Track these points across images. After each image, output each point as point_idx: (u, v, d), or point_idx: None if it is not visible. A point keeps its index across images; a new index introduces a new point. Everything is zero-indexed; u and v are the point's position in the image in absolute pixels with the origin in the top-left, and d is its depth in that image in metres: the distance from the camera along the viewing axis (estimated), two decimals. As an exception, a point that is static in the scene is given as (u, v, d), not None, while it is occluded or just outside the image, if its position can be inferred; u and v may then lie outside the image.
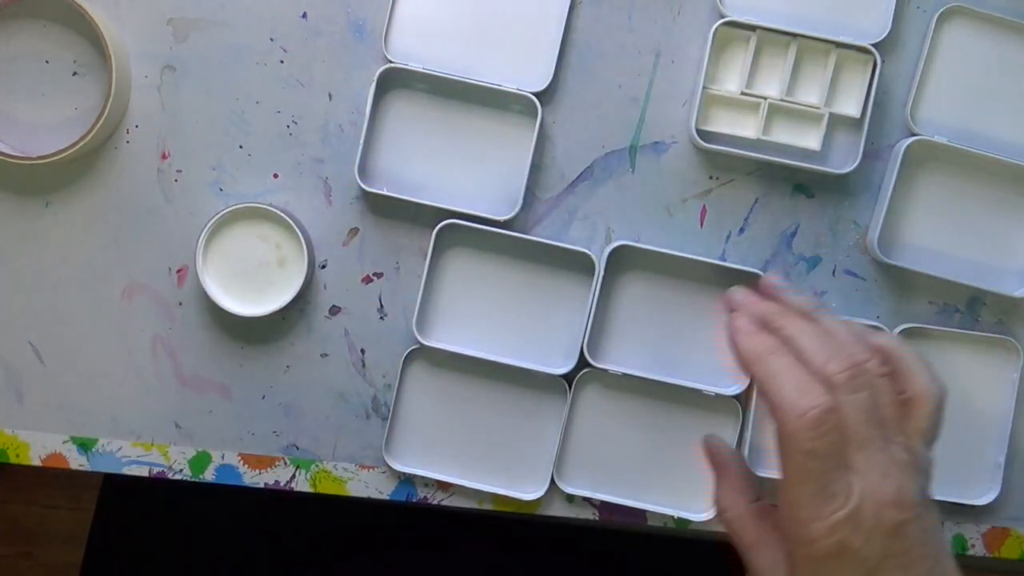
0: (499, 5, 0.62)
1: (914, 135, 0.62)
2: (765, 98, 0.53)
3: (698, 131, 0.52)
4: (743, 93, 0.54)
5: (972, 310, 0.65)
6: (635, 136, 0.63)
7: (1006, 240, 0.64)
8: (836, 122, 0.60)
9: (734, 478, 0.46)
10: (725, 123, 0.54)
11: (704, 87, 0.53)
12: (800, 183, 0.64)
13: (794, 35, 0.54)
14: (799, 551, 0.37)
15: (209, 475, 0.64)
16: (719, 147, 0.53)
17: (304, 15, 0.62)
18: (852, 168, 0.60)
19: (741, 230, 0.64)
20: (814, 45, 0.56)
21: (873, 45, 0.60)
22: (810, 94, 0.57)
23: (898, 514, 0.36)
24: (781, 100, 0.54)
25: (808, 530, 0.36)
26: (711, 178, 0.63)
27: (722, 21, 0.52)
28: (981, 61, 0.63)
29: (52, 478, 1.38)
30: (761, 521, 0.42)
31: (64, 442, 0.64)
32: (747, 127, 0.54)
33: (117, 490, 0.79)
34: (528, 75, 0.61)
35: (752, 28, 0.52)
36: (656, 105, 0.63)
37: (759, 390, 0.39)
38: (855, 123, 0.60)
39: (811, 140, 0.57)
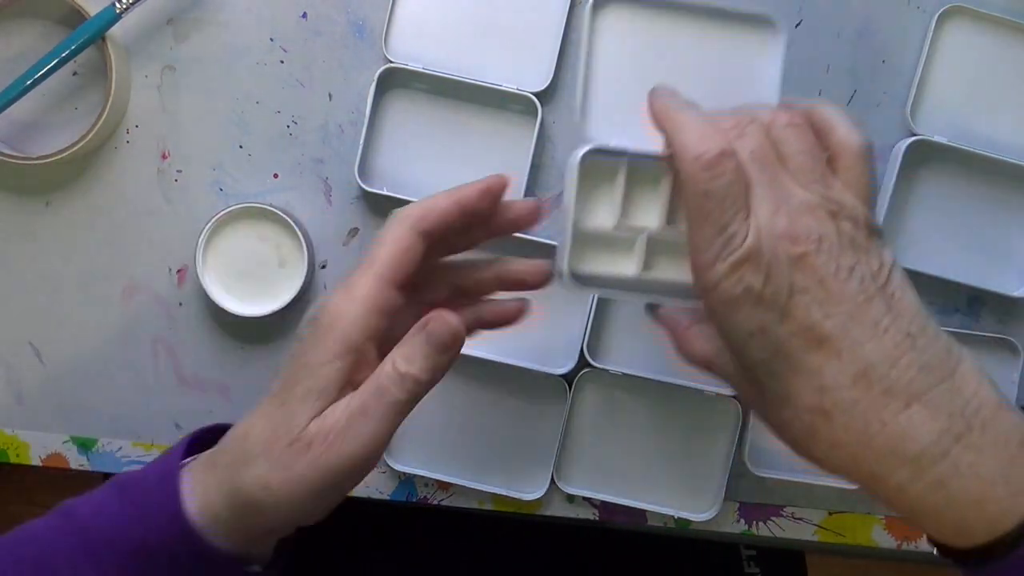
0: (499, 5, 0.62)
1: (914, 135, 0.62)
2: (643, 230, 0.43)
3: (573, 274, 0.42)
4: (617, 227, 0.43)
5: (972, 310, 0.65)
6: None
7: (1006, 240, 0.64)
8: None
9: (687, 331, 0.46)
10: (602, 262, 0.44)
11: (574, 223, 0.42)
12: (800, 183, 0.64)
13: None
14: (710, 301, 0.37)
15: (209, 475, 0.64)
16: (598, 289, 0.44)
17: (304, 15, 0.62)
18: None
19: (741, 230, 0.64)
20: None
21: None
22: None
23: (792, 247, 0.35)
24: (661, 232, 0.43)
25: (711, 274, 0.36)
26: (711, 178, 0.63)
27: (587, 148, 0.42)
28: (981, 61, 0.63)
29: (52, 478, 1.38)
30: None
31: (64, 442, 0.64)
32: (625, 264, 0.44)
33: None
34: (528, 75, 0.61)
35: (622, 154, 0.42)
36: (656, 105, 0.63)
37: (667, 145, 0.39)
38: None
39: None
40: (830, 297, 0.35)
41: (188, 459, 0.43)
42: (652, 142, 0.42)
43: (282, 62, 0.62)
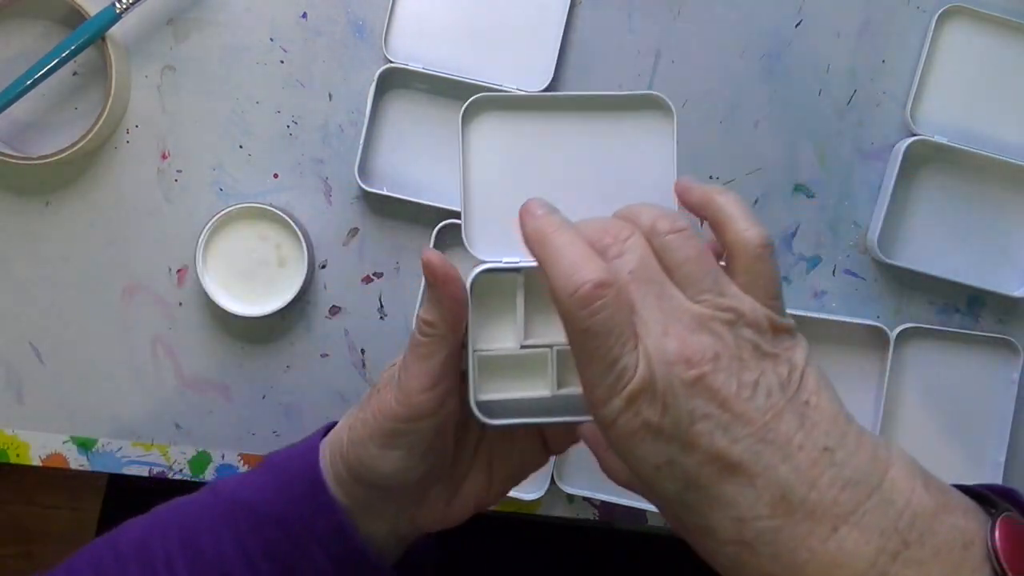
0: (499, 5, 0.62)
1: (914, 135, 0.62)
2: (551, 346, 0.40)
3: (478, 404, 0.40)
4: (523, 346, 0.40)
5: (972, 310, 0.65)
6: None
7: (1006, 240, 0.64)
8: None
9: (607, 451, 0.43)
10: (509, 387, 0.41)
11: (475, 350, 0.40)
12: (800, 183, 0.64)
13: None
14: (609, 437, 0.34)
15: (209, 475, 0.64)
16: (507, 421, 0.40)
17: (304, 15, 0.62)
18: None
19: (741, 230, 0.64)
20: None
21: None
22: None
23: (686, 370, 0.32)
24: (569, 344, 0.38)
25: (606, 411, 0.33)
26: (711, 178, 0.63)
27: (477, 271, 0.40)
28: (981, 61, 0.63)
29: (52, 478, 1.38)
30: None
31: (64, 442, 0.64)
32: (537, 385, 0.41)
33: (122, 491, 0.79)
34: (528, 75, 0.61)
35: (516, 270, 0.40)
36: (656, 105, 0.63)
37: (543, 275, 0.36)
38: None
39: None
40: (735, 419, 0.32)
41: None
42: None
43: (282, 62, 0.62)
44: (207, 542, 0.44)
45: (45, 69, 0.57)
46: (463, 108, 0.38)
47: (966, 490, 0.34)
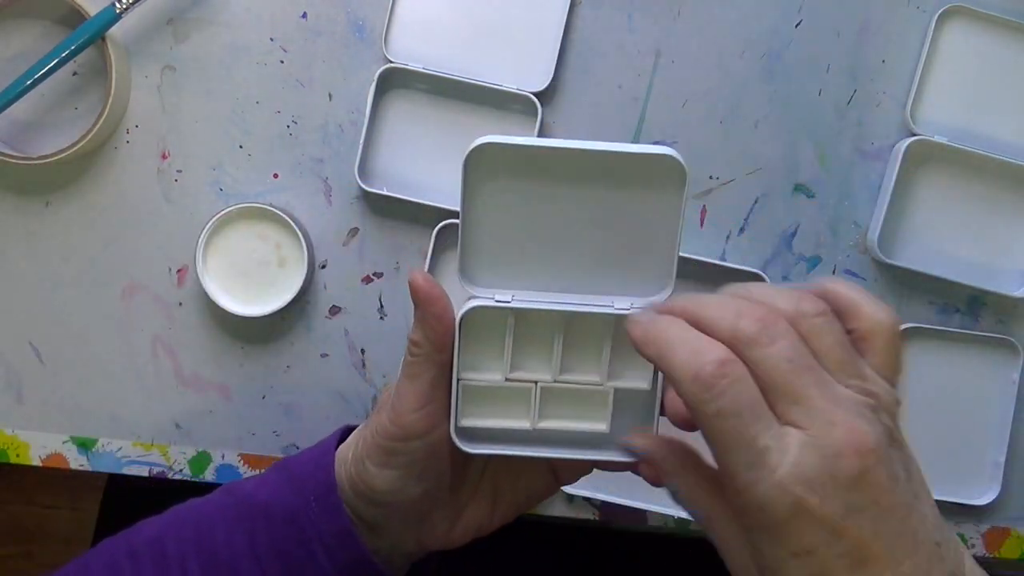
0: (499, 5, 0.62)
1: (914, 135, 0.62)
2: (536, 382, 0.41)
3: (458, 430, 0.40)
4: (507, 379, 0.41)
5: (972, 310, 0.65)
6: (635, 136, 0.63)
7: (1006, 240, 0.64)
8: (624, 397, 0.43)
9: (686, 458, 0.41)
10: (491, 415, 0.41)
11: (459, 379, 0.40)
12: (800, 183, 0.64)
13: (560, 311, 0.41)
14: (754, 521, 0.34)
15: (209, 475, 0.64)
16: (484, 450, 0.40)
17: (304, 15, 0.62)
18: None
19: (741, 230, 0.64)
20: (586, 317, 0.41)
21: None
22: (588, 370, 0.42)
23: (857, 462, 0.32)
24: (555, 382, 0.41)
25: (754, 495, 0.32)
26: (711, 178, 0.63)
27: (468, 307, 0.40)
28: (981, 61, 0.63)
29: (52, 478, 1.38)
30: (715, 491, 0.38)
31: (64, 442, 0.64)
32: (518, 417, 0.41)
33: (121, 491, 0.79)
34: (528, 75, 0.61)
35: (509, 309, 0.40)
36: (656, 105, 0.63)
37: (663, 374, 0.35)
38: (647, 395, 0.42)
39: (597, 421, 0.43)
40: (882, 512, 0.32)
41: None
42: (540, 296, 0.40)
43: (282, 62, 0.62)
44: (221, 542, 0.44)
45: (45, 69, 0.57)
46: (466, 153, 0.37)
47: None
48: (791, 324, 0.34)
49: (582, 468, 0.45)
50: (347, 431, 0.47)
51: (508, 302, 0.40)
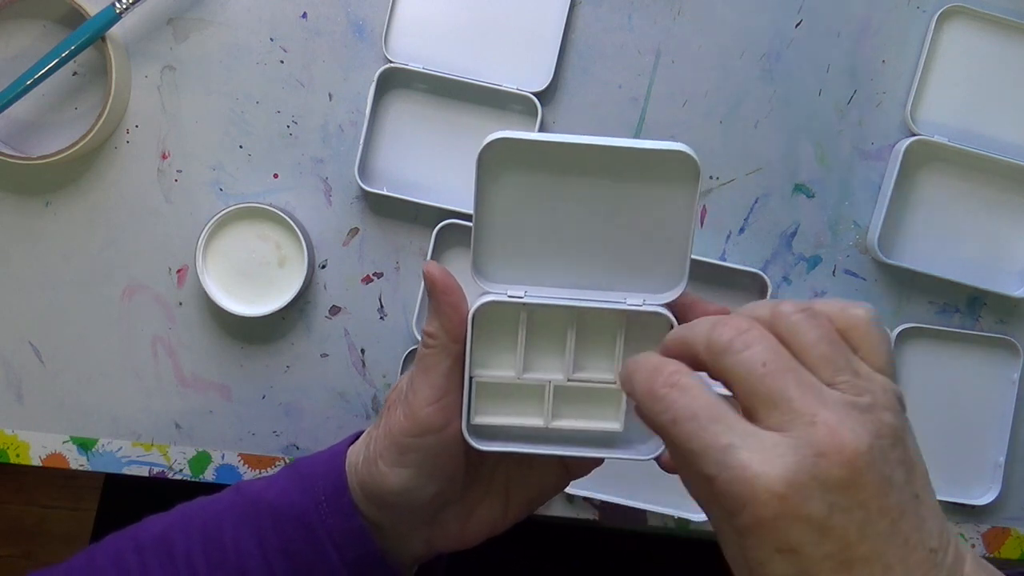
0: (499, 5, 0.62)
1: (914, 135, 0.62)
2: (549, 380, 0.41)
3: (470, 427, 0.40)
4: (521, 377, 0.41)
5: (972, 310, 0.65)
6: (635, 136, 0.63)
7: (1006, 240, 0.64)
8: None
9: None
10: (504, 413, 0.42)
11: (472, 376, 0.40)
12: (800, 183, 0.64)
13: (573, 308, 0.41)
14: (740, 520, 0.33)
15: (209, 475, 0.64)
16: (501, 447, 0.40)
17: (304, 15, 0.62)
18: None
19: (741, 230, 0.64)
20: (598, 315, 0.42)
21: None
22: (601, 368, 0.43)
23: (840, 462, 0.31)
24: (568, 381, 0.41)
25: (730, 494, 0.32)
26: (711, 178, 0.63)
27: (480, 303, 0.40)
28: (981, 61, 0.63)
29: (52, 478, 1.38)
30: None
31: (64, 442, 0.64)
32: (532, 415, 0.42)
33: (120, 490, 0.79)
34: (528, 75, 0.61)
35: (521, 305, 0.40)
36: (656, 105, 0.63)
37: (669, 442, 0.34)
38: None
39: (610, 420, 0.43)
40: (871, 516, 0.31)
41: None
42: (552, 292, 0.40)
43: (282, 62, 0.62)
44: (228, 539, 0.44)
45: (45, 69, 0.57)
46: (480, 149, 0.37)
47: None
48: (770, 328, 0.34)
49: (595, 462, 0.45)
50: (358, 436, 0.47)
51: (521, 297, 0.40)
